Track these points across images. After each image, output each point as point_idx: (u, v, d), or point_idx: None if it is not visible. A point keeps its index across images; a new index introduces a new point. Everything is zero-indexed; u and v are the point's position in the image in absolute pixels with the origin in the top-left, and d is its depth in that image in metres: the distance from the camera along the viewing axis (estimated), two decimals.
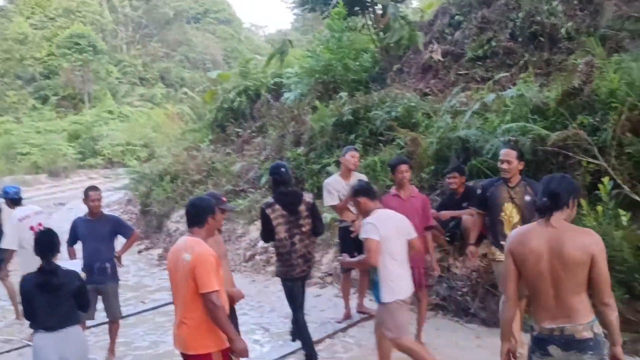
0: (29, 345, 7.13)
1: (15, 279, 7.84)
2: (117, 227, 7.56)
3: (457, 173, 8.01)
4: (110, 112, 38.47)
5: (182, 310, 4.54)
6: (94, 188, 7.56)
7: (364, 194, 5.71)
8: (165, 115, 36.98)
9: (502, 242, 6.21)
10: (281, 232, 6.51)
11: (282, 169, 6.79)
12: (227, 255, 5.57)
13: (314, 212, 6.75)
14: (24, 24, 41.02)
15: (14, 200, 8.83)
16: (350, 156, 7.94)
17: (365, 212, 5.68)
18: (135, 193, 18.47)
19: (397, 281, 5.57)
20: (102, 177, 29.04)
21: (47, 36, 39.76)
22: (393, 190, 7.06)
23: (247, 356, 4.50)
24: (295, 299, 6.75)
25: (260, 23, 58.62)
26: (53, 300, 5.12)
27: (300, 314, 6.78)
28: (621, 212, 6.63)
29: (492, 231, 6.48)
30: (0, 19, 42.64)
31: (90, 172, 31.12)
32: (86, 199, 7.42)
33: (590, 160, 7.24)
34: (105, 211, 8.10)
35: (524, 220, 6.11)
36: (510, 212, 6.25)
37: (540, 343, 3.79)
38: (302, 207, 6.64)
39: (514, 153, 6.24)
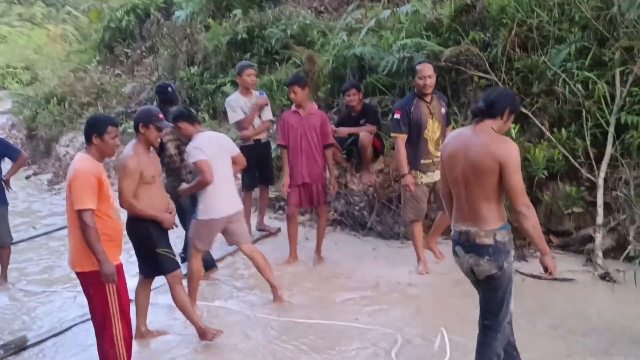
0: None
1: None
2: (3, 149, 7.21)
3: (355, 89, 8.05)
4: None
5: (68, 227, 4.45)
6: None
7: (184, 119, 5.88)
8: (47, 36, 35.03)
9: (423, 161, 6.35)
10: (170, 148, 6.77)
11: (169, 89, 7.25)
12: (160, 175, 5.42)
13: None
14: None
15: None
16: (247, 75, 7.82)
17: (186, 137, 5.92)
18: (20, 117, 17.59)
19: (217, 200, 5.78)
20: None
21: None
22: (293, 107, 7.05)
23: (112, 281, 4.40)
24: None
25: None
26: None
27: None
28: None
29: (414, 151, 6.31)
30: None
31: None
32: None
33: (482, 75, 7.45)
34: None
35: (444, 134, 6.26)
36: (432, 128, 6.30)
37: (452, 243, 3.97)
38: None
39: (432, 67, 6.32)
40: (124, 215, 4.80)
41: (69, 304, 6.61)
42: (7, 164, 7.38)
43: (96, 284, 4.41)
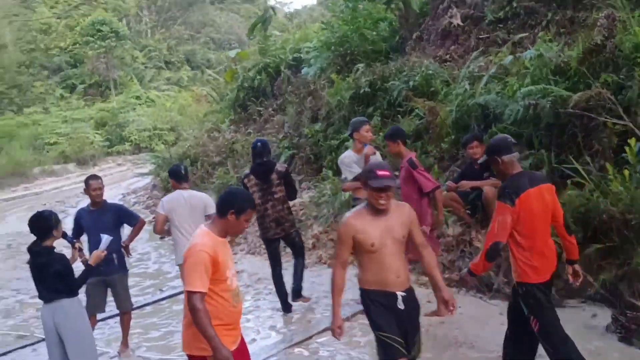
0: (42, 340, 6.97)
1: None
2: (122, 215, 7.30)
3: (477, 141, 7.63)
4: (137, 97, 38.45)
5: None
6: (94, 177, 7.33)
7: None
8: (191, 97, 36.94)
9: None
10: (255, 198, 7.27)
11: (258, 144, 7.75)
12: None
13: (286, 180, 7.63)
14: (48, 13, 41.12)
15: None
16: (365, 131, 7.55)
17: None
18: (158, 178, 18.33)
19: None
20: (130, 163, 29.08)
21: (70, 25, 39.79)
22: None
23: None
24: (273, 257, 7.85)
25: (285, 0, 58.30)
26: (41, 277, 5.75)
27: (278, 270, 7.80)
28: None
29: None
30: (23, 9, 42.75)
31: (118, 159, 31.19)
32: (87, 188, 7.19)
33: (616, 121, 6.75)
34: (131, 197, 8.07)
35: None
36: None
37: None
38: (274, 176, 7.53)
39: None
40: None
41: None
42: (127, 229, 7.50)
43: None
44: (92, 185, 7.16)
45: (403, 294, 4.39)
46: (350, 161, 7.50)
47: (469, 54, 11.16)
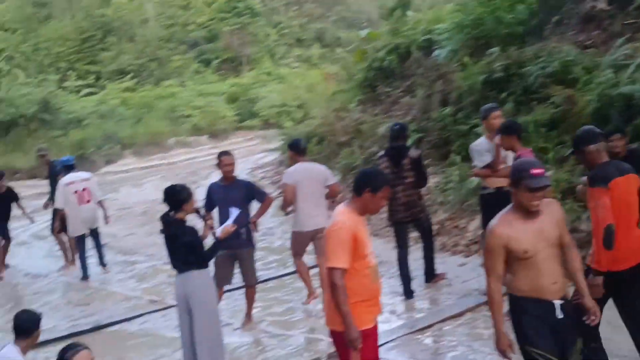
0: (172, 306, 7.31)
1: None
2: (251, 191, 7.52)
3: (619, 134, 7.23)
4: (268, 74, 39.10)
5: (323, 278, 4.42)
6: (226, 153, 7.57)
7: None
8: (320, 76, 37.20)
9: None
10: None
11: (396, 127, 8.10)
12: None
13: (417, 166, 7.79)
14: None
15: (67, 167, 10.86)
16: (493, 118, 7.36)
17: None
18: (285, 155, 18.62)
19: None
20: (259, 139, 29.76)
21: (207, 1, 41.03)
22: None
23: (355, 347, 4.15)
24: (399, 240, 8.05)
25: None
26: (173, 247, 6.14)
27: (403, 254, 7.95)
28: None
29: None
30: None
31: (248, 134, 31.91)
32: (219, 163, 7.43)
33: None
34: (259, 172, 8.47)
35: None
36: None
37: None
38: (406, 161, 7.70)
39: None
40: None
41: (300, 350, 6.63)
42: (255, 205, 7.69)
43: (343, 345, 4.27)
44: (224, 161, 7.40)
45: (560, 301, 4.09)
46: (482, 149, 7.34)
47: (614, 41, 10.54)
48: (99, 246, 11.00)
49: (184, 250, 6.05)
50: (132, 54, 35.42)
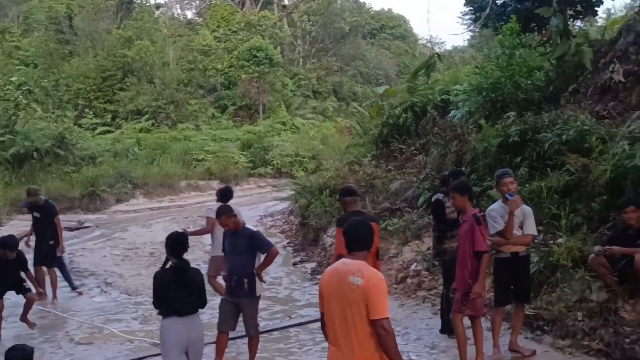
0: None
1: None
2: (254, 242, 7.46)
3: (634, 206, 7.32)
4: (283, 123, 39.51)
5: (345, 336, 4.34)
6: (223, 212, 7.55)
7: None
8: (334, 128, 37.52)
9: None
10: None
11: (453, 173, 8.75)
12: None
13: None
14: (209, 36, 43.25)
15: None
16: (503, 185, 7.41)
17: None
18: (296, 205, 18.69)
19: None
20: (270, 187, 29.87)
21: (228, 49, 41.66)
22: None
23: None
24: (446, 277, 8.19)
25: (437, 39, 58.16)
26: (184, 290, 6.19)
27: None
28: None
29: None
30: (187, 31, 45.27)
31: (259, 181, 32.07)
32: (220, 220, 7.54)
33: None
34: (268, 220, 8.43)
35: None
36: None
37: None
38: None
39: None
40: None
41: None
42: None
43: None
44: (222, 222, 7.49)
45: None
46: (496, 214, 7.34)
47: (629, 112, 10.65)
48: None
49: (197, 290, 6.29)
50: (150, 95, 35.82)
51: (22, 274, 9.54)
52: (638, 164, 8.24)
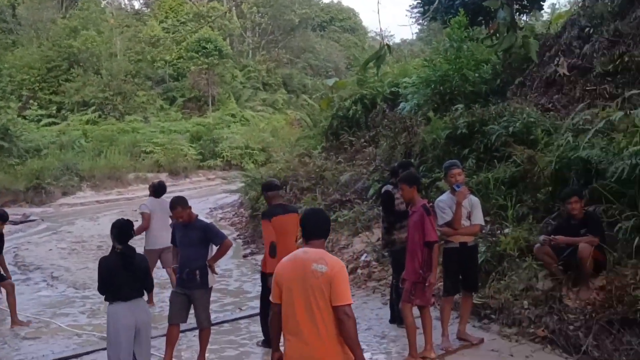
0: None
1: None
2: (208, 234, 7.39)
3: (577, 197, 7.49)
4: (232, 115, 39.27)
5: (309, 324, 4.32)
6: (178, 203, 7.36)
7: None
8: (284, 120, 37.49)
9: None
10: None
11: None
12: None
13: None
14: (157, 27, 42.68)
15: None
16: (451, 176, 7.50)
17: None
18: (246, 197, 18.61)
19: None
20: (220, 179, 29.68)
21: (177, 40, 41.17)
22: None
23: None
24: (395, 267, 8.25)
25: (387, 32, 58.52)
26: (129, 275, 6.24)
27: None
28: None
29: None
30: (135, 22, 44.63)
31: (209, 173, 31.87)
32: (172, 213, 7.40)
33: None
34: (218, 213, 8.30)
35: None
36: None
37: None
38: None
39: None
40: None
41: None
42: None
43: None
44: (175, 214, 7.33)
45: None
46: (444, 205, 7.43)
47: (573, 105, 10.89)
48: None
49: (142, 276, 6.40)
50: (96, 87, 35.19)
51: None
52: (582, 155, 8.41)
